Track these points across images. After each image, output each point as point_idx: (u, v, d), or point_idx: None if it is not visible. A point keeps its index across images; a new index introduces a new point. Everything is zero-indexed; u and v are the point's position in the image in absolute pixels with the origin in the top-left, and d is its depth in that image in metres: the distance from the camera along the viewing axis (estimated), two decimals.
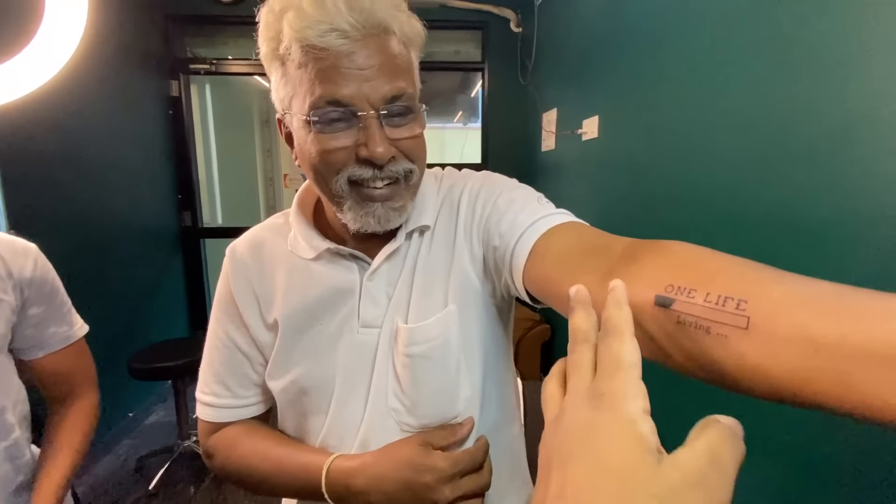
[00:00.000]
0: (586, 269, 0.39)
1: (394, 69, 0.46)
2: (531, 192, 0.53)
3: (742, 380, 0.28)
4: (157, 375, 1.95)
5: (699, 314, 0.29)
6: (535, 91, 2.62)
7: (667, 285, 0.31)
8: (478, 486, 0.51)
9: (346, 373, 0.55)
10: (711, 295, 0.29)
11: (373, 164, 0.47)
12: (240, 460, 0.57)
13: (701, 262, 0.33)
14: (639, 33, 1.53)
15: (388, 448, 0.52)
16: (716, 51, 1.15)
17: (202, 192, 3.14)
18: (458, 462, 0.50)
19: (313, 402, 0.56)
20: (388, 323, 0.55)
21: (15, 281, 0.74)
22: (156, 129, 2.77)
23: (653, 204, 1.46)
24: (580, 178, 2.06)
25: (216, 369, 0.60)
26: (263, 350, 0.58)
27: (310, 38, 0.43)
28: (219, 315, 0.60)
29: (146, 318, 2.60)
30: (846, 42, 0.81)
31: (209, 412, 0.60)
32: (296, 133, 0.50)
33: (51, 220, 1.93)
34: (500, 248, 0.50)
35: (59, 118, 1.96)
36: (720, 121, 1.14)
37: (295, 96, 0.47)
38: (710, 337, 0.28)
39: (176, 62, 2.86)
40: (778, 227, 0.97)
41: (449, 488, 0.48)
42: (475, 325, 0.55)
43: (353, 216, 0.50)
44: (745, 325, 0.27)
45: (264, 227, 0.62)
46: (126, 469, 2.10)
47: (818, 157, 0.87)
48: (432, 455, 0.50)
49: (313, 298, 0.55)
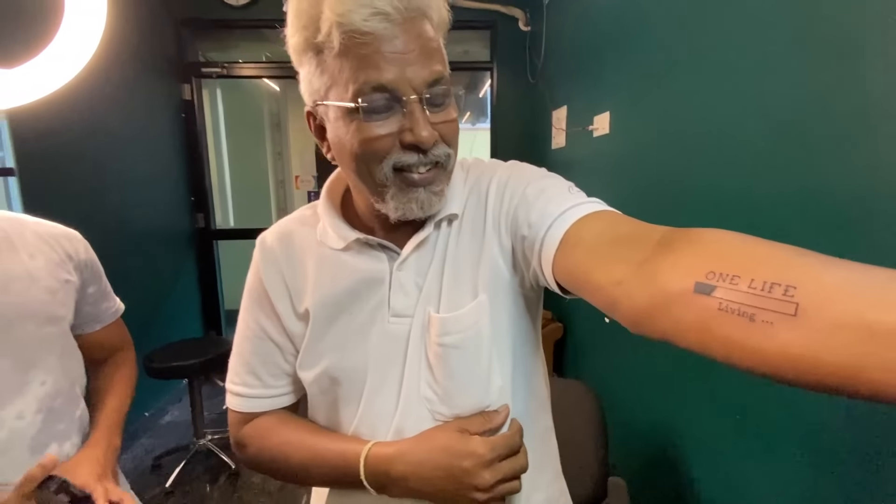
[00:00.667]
0: (619, 259, 0.39)
1: (432, 52, 0.46)
2: (561, 181, 0.53)
3: (787, 369, 0.27)
4: (174, 374, 1.98)
5: (743, 301, 0.28)
6: (545, 89, 2.62)
7: (707, 272, 0.31)
8: (516, 469, 0.50)
9: (377, 362, 0.55)
10: (756, 281, 0.28)
11: (417, 149, 0.47)
12: (274, 449, 0.58)
13: (743, 249, 0.32)
14: (648, 28, 1.53)
15: (426, 434, 0.53)
16: (726, 44, 1.14)
17: (214, 194, 3.18)
18: (497, 446, 0.50)
19: (345, 392, 0.57)
20: (419, 313, 0.54)
21: (75, 263, 0.82)
22: (169, 132, 2.82)
23: (665, 199, 1.45)
24: (592, 174, 2.05)
25: (247, 359, 0.60)
26: (294, 340, 0.59)
27: (354, 21, 0.42)
28: (249, 305, 0.60)
29: (161, 319, 2.64)
30: (859, 31, 0.79)
31: (240, 402, 0.60)
32: (332, 124, 0.49)
33: (68, 221, 1.96)
34: (529, 237, 0.49)
35: (76, 121, 2.00)
36: (731, 115, 1.13)
37: (334, 86, 0.46)
38: (755, 324, 0.28)
39: (188, 66, 2.90)
40: (793, 221, 0.95)
41: (489, 472, 0.48)
42: (505, 316, 0.55)
43: (395, 204, 0.49)
44: (794, 311, 0.26)
45: (292, 218, 0.62)
46: (143, 467, 2.13)
47: (833, 150, 0.85)
48: (471, 440, 0.50)
49: (343, 288, 0.56)
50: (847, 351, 0.24)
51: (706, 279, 0.31)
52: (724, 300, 0.29)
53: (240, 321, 0.61)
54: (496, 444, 0.50)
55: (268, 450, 0.58)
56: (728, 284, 0.29)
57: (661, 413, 1.49)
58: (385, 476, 0.51)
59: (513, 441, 0.51)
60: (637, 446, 1.62)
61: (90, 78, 2.00)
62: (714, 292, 0.30)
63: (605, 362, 1.98)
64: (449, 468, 0.49)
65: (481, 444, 0.50)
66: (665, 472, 1.44)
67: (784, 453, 0.99)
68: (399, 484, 0.50)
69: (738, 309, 0.29)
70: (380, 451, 0.52)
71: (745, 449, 1.11)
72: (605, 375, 1.95)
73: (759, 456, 1.06)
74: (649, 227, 0.42)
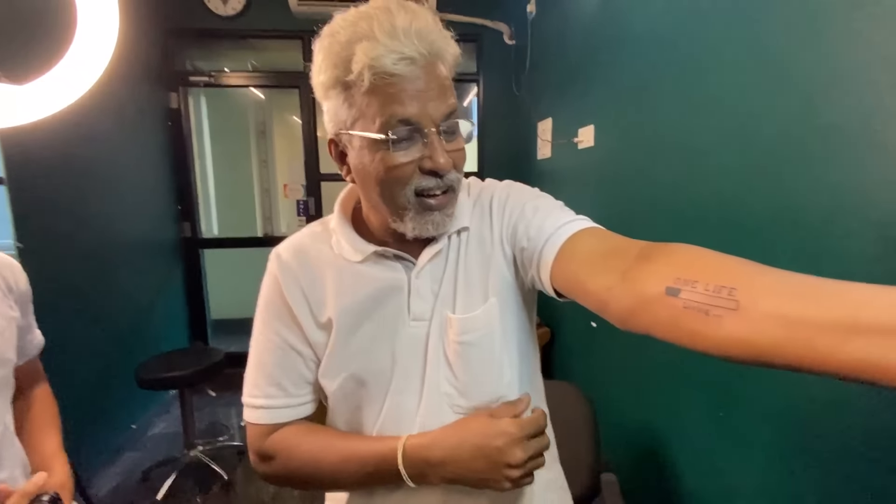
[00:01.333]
0: (608, 269, 0.47)
1: (446, 89, 0.53)
2: (553, 200, 0.62)
3: (734, 350, 0.35)
4: (165, 385, 1.97)
5: (701, 300, 0.37)
6: (530, 101, 2.70)
7: (675, 279, 0.39)
8: (542, 446, 0.56)
9: (402, 362, 0.60)
10: (710, 285, 0.37)
11: (435, 174, 0.53)
12: (305, 456, 0.60)
13: (702, 260, 0.41)
14: (633, 44, 1.61)
15: (459, 422, 0.58)
16: (708, 59, 1.22)
17: (199, 203, 3.16)
18: (525, 425, 0.55)
19: (370, 394, 0.61)
20: (437, 315, 0.60)
21: (15, 295, 0.78)
22: (156, 141, 2.80)
23: (648, 211, 1.53)
24: (576, 186, 2.13)
25: (269, 371, 0.62)
26: (316, 349, 0.62)
27: (386, 66, 0.48)
28: (267, 318, 0.63)
29: (147, 329, 2.60)
30: (834, 50, 0.88)
31: (263, 414, 0.62)
32: (356, 152, 0.55)
33: (57, 231, 1.94)
34: (527, 249, 0.57)
35: (64, 130, 1.98)
36: (713, 128, 1.21)
37: (361, 118, 0.52)
38: (710, 318, 0.36)
39: (176, 75, 2.89)
40: (772, 232, 1.03)
41: (520, 449, 0.53)
42: (511, 316, 0.62)
43: (413, 225, 0.56)
44: (735, 307, 0.35)
45: (304, 234, 0.66)
46: (132, 480, 2.10)
47: (811, 162, 0.93)
48: (501, 421, 0.55)
49: (364, 297, 0.60)
50: (770, 334, 0.33)
51: (674, 284, 0.39)
52: (688, 300, 0.38)
53: (257, 335, 0.64)
54: (524, 423, 0.55)
55: (297, 458, 0.60)
56: (690, 288, 0.38)
57: (648, 412, 1.56)
58: (424, 463, 0.55)
59: (538, 420, 0.57)
60: (626, 444, 1.68)
61: None
62: (680, 294, 0.38)
63: (591, 365, 2.05)
64: (483, 448, 0.54)
65: (511, 424, 0.55)
66: (654, 467, 1.51)
67: (764, 446, 1.07)
68: (437, 470, 0.55)
69: (697, 306, 0.37)
70: (416, 441, 0.56)
71: (729, 443, 1.18)
72: (592, 378, 2.01)
73: (741, 449, 1.14)
74: (631, 242, 0.50)
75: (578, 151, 2.05)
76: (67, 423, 0.90)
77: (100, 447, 2.16)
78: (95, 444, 2.13)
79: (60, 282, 1.94)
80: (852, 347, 0.28)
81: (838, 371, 0.29)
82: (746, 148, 1.09)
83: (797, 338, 0.31)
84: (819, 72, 0.90)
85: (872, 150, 0.80)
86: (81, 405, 2.04)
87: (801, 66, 0.94)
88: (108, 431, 2.24)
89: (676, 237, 1.36)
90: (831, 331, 0.30)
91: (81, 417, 2.04)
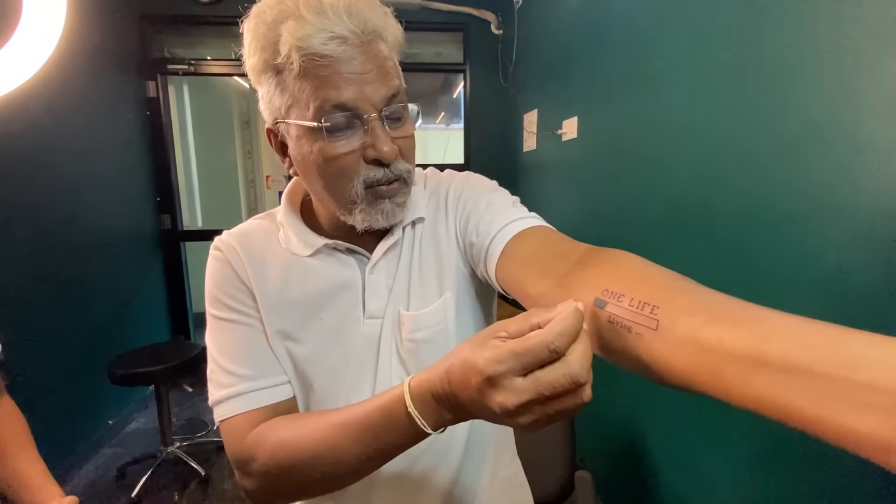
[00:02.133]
0: (545, 272, 0.44)
1: (388, 71, 0.49)
2: (507, 196, 0.58)
3: (655, 371, 0.33)
4: (139, 381, 1.92)
5: (624, 315, 0.34)
6: (516, 92, 2.66)
7: (603, 290, 0.37)
8: (557, 381, 0.31)
9: (355, 362, 0.57)
10: (634, 300, 0.34)
11: (381, 164, 0.50)
12: (293, 440, 0.47)
13: (633, 271, 0.38)
14: (615, 37, 1.58)
15: (462, 344, 0.38)
16: (689, 54, 1.20)
17: (181, 194, 3.09)
18: (513, 355, 0.32)
19: (319, 398, 0.57)
20: (389, 312, 0.57)
21: None
22: (133, 131, 2.72)
23: (629, 202, 1.51)
24: (561, 177, 2.10)
25: (233, 355, 0.54)
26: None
27: (313, 45, 0.44)
28: (220, 299, 0.55)
29: (126, 323, 2.55)
30: (810, 48, 0.86)
31: (236, 404, 0.52)
32: (295, 142, 0.51)
33: (27, 224, 1.88)
34: (476, 245, 0.55)
35: (33, 120, 1.91)
36: (693, 121, 1.19)
37: (294, 105, 0.48)
38: (632, 335, 0.34)
39: (153, 62, 2.81)
40: (749, 221, 1.01)
41: (508, 392, 0.32)
42: (468, 309, 0.60)
43: (363, 217, 0.52)
44: (655, 326, 0.32)
45: (247, 226, 0.61)
46: (108, 477, 2.06)
47: (788, 155, 0.91)
48: (480, 348, 0.34)
49: (314, 292, 0.56)
50: (686, 359, 0.30)
51: (602, 296, 0.37)
52: (612, 314, 0.35)
53: (212, 325, 0.56)
54: (516, 351, 0.31)
55: (284, 446, 0.47)
56: (616, 301, 0.35)
57: (625, 408, 1.55)
58: (433, 400, 0.39)
59: (565, 330, 0.31)
60: (603, 440, 1.67)
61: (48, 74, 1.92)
62: (606, 307, 0.36)
63: None
64: (468, 387, 0.35)
65: (492, 355, 0.33)
66: (630, 464, 1.50)
67: (737, 441, 1.05)
68: (449, 403, 0.38)
69: (621, 322, 0.35)
70: (420, 377, 0.40)
71: (704, 439, 1.17)
72: None
73: (716, 445, 1.13)
74: (574, 245, 0.47)
75: (562, 143, 2.02)
76: (44, 418, 0.81)
77: (76, 442, 2.12)
78: (71, 439, 2.09)
79: (35, 274, 1.89)
80: (758, 383, 0.26)
81: (747, 406, 0.26)
82: (726, 139, 1.07)
83: (708, 365, 0.29)
84: (807, 65, 0.88)
85: (859, 146, 0.78)
86: (58, 400, 2.00)
87: (788, 59, 0.91)
88: (85, 427, 2.20)
89: (658, 228, 1.34)
90: (739, 362, 0.27)
91: (58, 413, 2.00)
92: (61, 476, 1.99)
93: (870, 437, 0.21)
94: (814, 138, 0.85)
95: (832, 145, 0.82)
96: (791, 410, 0.24)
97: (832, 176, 0.82)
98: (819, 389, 0.23)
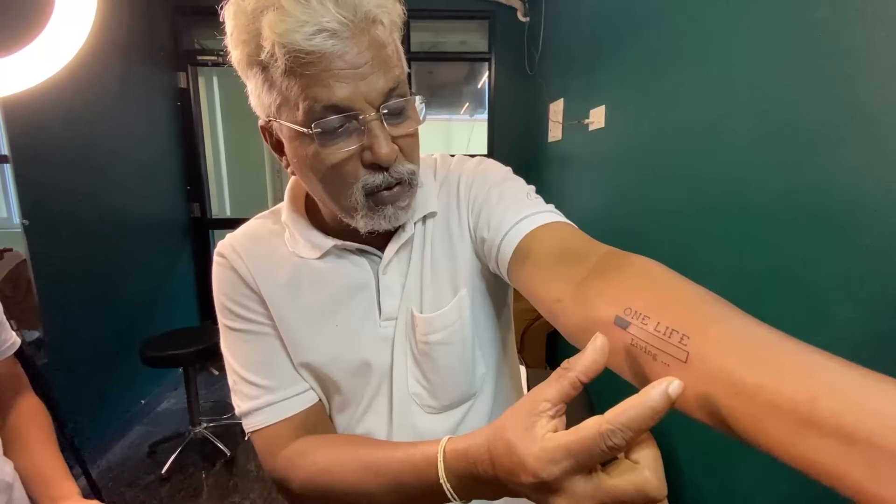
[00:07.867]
0: (560, 277, 0.42)
1: (386, 59, 0.43)
2: (521, 186, 0.54)
3: (683, 405, 0.30)
4: (169, 363, 1.99)
5: (649, 341, 0.32)
6: (542, 81, 2.61)
7: (625, 308, 0.34)
8: (636, 497, 0.27)
9: (374, 366, 0.55)
10: (661, 325, 0.31)
11: (379, 167, 0.45)
12: (325, 475, 0.47)
13: (659, 288, 0.35)
14: (645, 23, 1.52)
15: (503, 419, 0.33)
16: (722, 40, 1.14)
17: (210, 183, 3.17)
18: (580, 449, 0.27)
19: (347, 397, 0.56)
20: (403, 313, 0.55)
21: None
22: (164, 121, 2.80)
23: (658, 194, 1.46)
24: (587, 168, 2.05)
25: (253, 367, 0.53)
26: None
27: (297, 41, 0.38)
28: (229, 307, 0.54)
29: (157, 308, 2.64)
30: (852, 31, 0.80)
31: (265, 415, 0.52)
32: (289, 143, 0.46)
33: (62, 211, 1.96)
34: (487, 240, 0.51)
35: (69, 110, 1.99)
36: (726, 110, 1.13)
37: (284, 104, 0.43)
38: (657, 363, 0.31)
39: (184, 54, 2.88)
40: (783, 215, 0.96)
41: (569, 496, 0.28)
42: (485, 305, 0.57)
43: (365, 222, 0.48)
44: (685, 359, 0.29)
45: (250, 230, 0.57)
46: (139, 454, 2.15)
47: (826, 146, 0.86)
48: (525, 440, 0.30)
49: (327, 299, 0.54)
50: (720, 402, 0.27)
51: (623, 314, 0.34)
52: (636, 337, 0.33)
53: (226, 336, 0.55)
54: (567, 449, 0.27)
55: (318, 478, 0.47)
56: (640, 323, 0.33)
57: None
58: (469, 476, 0.36)
59: (596, 441, 0.27)
60: None
61: (83, 65, 1.99)
62: (629, 328, 0.33)
63: None
64: (518, 482, 0.31)
65: (533, 451, 0.29)
66: None
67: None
68: (494, 486, 0.34)
69: (645, 347, 0.32)
70: (458, 447, 0.37)
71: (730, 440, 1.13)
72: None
73: (741, 446, 1.09)
74: (591, 246, 0.44)
75: (589, 133, 1.97)
76: (81, 396, 0.82)
77: (110, 420, 2.22)
78: (106, 416, 2.19)
79: (68, 259, 1.97)
80: (806, 445, 0.23)
81: (791, 463, 0.24)
82: (760, 128, 1.02)
83: (747, 413, 0.26)
84: (841, 50, 0.82)
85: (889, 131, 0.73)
86: (95, 379, 2.09)
87: (818, 47, 0.86)
88: (119, 405, 2.30)
89: (689, 224, 1.30)
90: (784, 417, 0.24)
91: (96, 391, 2.10)
92: (96, 451, 2.09)
93: None
94: (857, 127, 0.79)
95: (875, 133, 0.76)
96: (847, 483, 0.21)
97: (882, 170, 0.77)
98: (883, 467, 0.20)
